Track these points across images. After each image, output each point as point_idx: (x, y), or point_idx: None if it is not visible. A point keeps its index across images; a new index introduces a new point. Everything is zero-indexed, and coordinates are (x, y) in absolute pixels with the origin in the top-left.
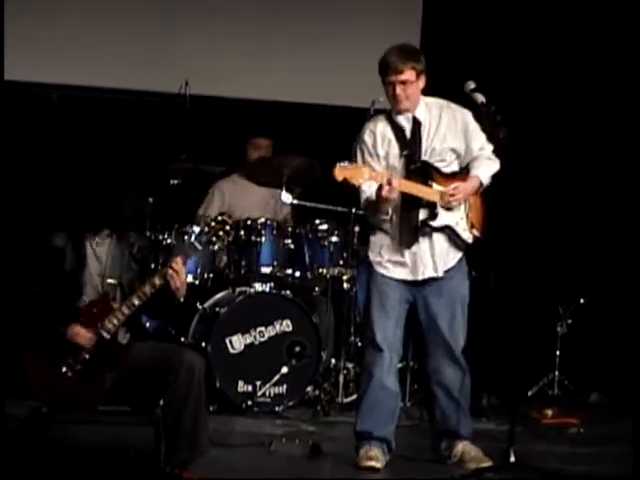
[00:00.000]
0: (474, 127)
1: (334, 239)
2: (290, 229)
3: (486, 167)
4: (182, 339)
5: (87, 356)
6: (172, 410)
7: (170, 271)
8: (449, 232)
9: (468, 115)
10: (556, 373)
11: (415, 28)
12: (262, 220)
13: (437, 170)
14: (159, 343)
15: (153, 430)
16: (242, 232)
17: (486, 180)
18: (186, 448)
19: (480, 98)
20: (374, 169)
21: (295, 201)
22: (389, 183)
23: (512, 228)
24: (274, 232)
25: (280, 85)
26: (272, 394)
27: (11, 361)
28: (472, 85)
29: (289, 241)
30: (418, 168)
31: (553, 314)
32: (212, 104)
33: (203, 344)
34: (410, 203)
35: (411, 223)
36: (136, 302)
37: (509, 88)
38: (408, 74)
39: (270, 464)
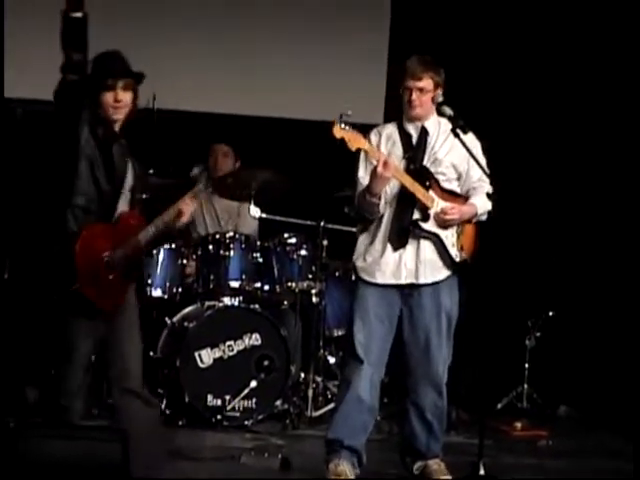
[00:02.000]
0: (479, 157)
1: (303, 253)
2: (259, 243)
3: (484, 201)
4: (151, 353)
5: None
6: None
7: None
8: (437, 242)
9: (476, 142)
10: (525, 386)
11: (383, 46)
12: (230, 234)
13: (436, 180)
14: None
15: (121, 446)
16: (210, 246)
17: (481, 211)
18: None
19: (448, 112)
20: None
21: (264, 215)
22: (385, 162)
23: (481, 242)
24: (243, 246)
25: (248, 99)
26: (241, 408)
27: None
28: (440, 98)
29: (258, 255)
30: (417, 170)
31: (522, 327)
32: (179, 118)
33: (172, 358)
34: (405, 202)
35: (403, 222)
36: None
37: (479, 96)
38: (426, 82)
39: (239, 478)
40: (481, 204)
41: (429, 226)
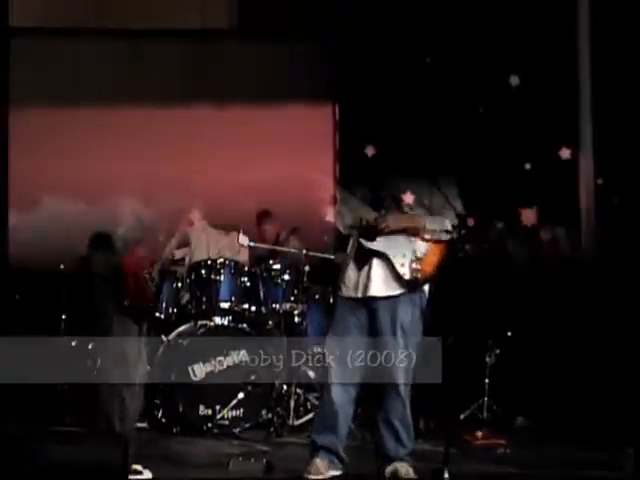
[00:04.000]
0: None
1: (286, 277)
2: (246, 268)
3: (438, 219)
4: (149, 368)
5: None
6: None
7: None
8: (385, 261)
9: None
10: (485, 399)
11: None
12: (221, 260)
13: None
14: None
15: (121, 450)
16: (203, 271)
17: (431, 226)
18: None
19: None
20: None
21: (252, 243)
22: None
23: (447, 267)
24: (232, 271)
25: None
26: (230, 417)
27: None
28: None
29: (245, 279)
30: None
31: (482, 345)
32: None
33: (168, 372)
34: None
35: (361, 245)
36: None
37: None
38: None
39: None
40: (431, 220)
41: (374, 245)
